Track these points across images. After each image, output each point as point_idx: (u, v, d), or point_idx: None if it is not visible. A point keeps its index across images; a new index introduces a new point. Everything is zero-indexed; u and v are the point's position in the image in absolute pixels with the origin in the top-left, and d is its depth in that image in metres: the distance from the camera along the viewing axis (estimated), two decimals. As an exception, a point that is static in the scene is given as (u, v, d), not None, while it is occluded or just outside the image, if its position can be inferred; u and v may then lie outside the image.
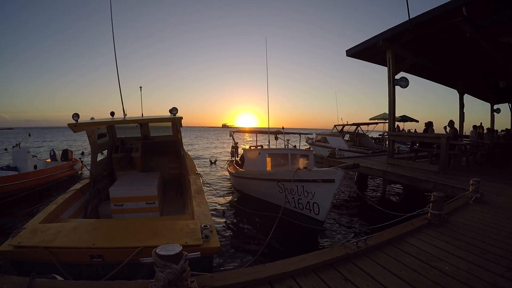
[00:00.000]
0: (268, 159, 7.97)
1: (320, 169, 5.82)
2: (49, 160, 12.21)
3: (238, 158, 10.96)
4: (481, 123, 15.07)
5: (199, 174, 6.69)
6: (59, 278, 2.19)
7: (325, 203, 5.50)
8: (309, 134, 21.76)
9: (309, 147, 9.23)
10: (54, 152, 12.57)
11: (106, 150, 7.31)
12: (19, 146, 10.00)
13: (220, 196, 9.16)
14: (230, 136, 12.16)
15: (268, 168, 7.84)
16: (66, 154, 12.72)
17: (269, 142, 9.66)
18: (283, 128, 9.58)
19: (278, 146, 9.28)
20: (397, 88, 9.20)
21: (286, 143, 8.68)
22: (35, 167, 9.92)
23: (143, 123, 7.59)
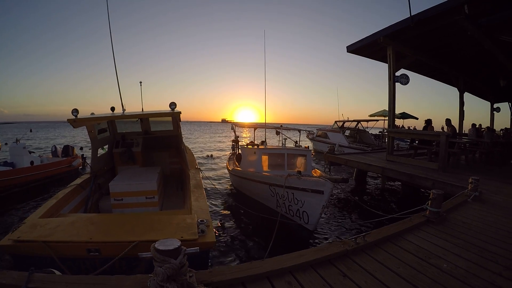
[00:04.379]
0: (265, 158, 7.93)
1: (310, 178, 5.80)
2: (51, 156, 12.23)
3: (240, 151, 10.97)
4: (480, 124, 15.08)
5: (199, 168, 6.69)
6: (57, 272, 2.19)
7: (314, 213, 5.49)
8: (310, 131, 21.82)
9: (307, 146, 9.18)
10: (55, 148, 12.59)
11: (107, 145, 7.31)
12: (17, 142, 9.98)
13: (219, 192, 9.16)
14: (231, 129, 12.21)
15: (265, 167, 7.82)
16: (67, 150, 12.72)
17: (265, 138, 9.62)
18: (281, 126, 9.52)
19: (280, 141, 9.24)
20: (398, 85, 9.18)
21: (283, 142, 8.64)
22: (32, 163, 9.91)
23: (144, 118, 7.58)
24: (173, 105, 5.33)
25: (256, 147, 8.28)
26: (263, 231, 6.01)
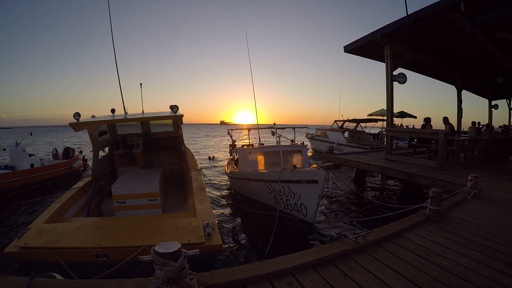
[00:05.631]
0: (261, 158, 7.92)
1: (303, 169, 5.81)
2: (51, 158, 12.29)
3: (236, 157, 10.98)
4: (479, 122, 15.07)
5: (201, 170, 6.69)
6: (58, 276, 2.19)
7: (311, 204, 5.50)
8: (304, 127, 21.92)
9: (303, 142, 9.21)
10: (56, 150, 12.66)
11: (107, 147, 7.31)
12: (17, 145, 10.00)
13: (219, 194, 9.16)
14: (228, 134, 12.18)
15: (261, 166, 7.82)
16: (67, 152, 12.76)
17: (259, 139, 9.64)
18: (274, 124, 9.56)
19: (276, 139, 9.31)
20: (395, 84, 9.20)
21: (278, 139, 8.66)
22: (32, 165, 9.94)
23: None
24: (175, 108, 5.31)
25: (251, 147, 8.28)
26: (264, 230, 6.03)
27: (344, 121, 19.09)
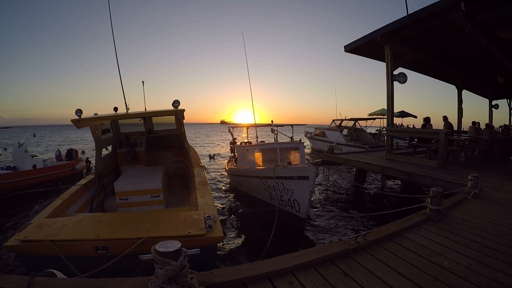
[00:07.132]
0: (258, 155, 8.00)
1: (295, 165, 5.94)
2: (55, 159, 12.29)
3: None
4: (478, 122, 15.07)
5: (204, 166, 6.71)
6: (58, 273, 2.18)
7: (303, 200, 5.64)
8: (303, 124, 22.08)
9: (300, 139, 9.25)
10: (59, 151, 12.65)
11: (111, 146, 7.32)
12: (20, 146, 10.02)
13: (219, 192, 9.18)
14: (229, 132, 12.26)
15: (259, 163, 7.91)
16: (70, 153, 12.76)
17: (257, 137, 9.70)
18: (272, 121, 9.60)
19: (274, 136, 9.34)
20: (396, 83, 9.19)
21: (275, 137, 8.73)
22: (34, 166, 9.95)
23: (147, 118, 7.59)
24: (176, 103, 5.34)
25: (249, 144, 8.33)
26: (263, 226, 6.04)
27: (342, 120, 19.16)
